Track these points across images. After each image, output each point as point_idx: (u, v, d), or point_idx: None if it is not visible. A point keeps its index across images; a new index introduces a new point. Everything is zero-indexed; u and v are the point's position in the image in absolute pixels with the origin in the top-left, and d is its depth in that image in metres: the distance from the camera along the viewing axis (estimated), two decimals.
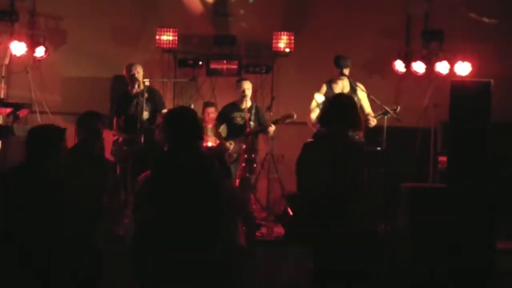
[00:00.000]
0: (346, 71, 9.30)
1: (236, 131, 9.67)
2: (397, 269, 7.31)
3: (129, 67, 9.51)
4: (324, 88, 9.35)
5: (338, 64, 9.28)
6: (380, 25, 11.44)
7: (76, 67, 11.52)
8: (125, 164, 9.17)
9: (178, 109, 6.03)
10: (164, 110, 9.58)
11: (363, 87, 9.40)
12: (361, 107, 9.38)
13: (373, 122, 9.13)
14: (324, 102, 9.08)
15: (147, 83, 9.41)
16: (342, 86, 9.39)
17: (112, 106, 9.98)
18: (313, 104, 9.30)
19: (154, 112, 9.51)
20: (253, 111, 9.72)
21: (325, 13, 11.51)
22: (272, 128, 9.51)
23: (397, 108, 9.15)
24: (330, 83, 9.39)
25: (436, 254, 7.16)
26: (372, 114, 9.31)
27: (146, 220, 4.77)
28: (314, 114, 9.31)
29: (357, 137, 9.11)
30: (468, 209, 7.28)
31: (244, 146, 9.16)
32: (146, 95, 9.33)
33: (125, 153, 9.21)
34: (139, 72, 9.48)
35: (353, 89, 9.36)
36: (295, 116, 9.28)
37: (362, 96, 9.40)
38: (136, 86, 9.47)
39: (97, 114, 7.25)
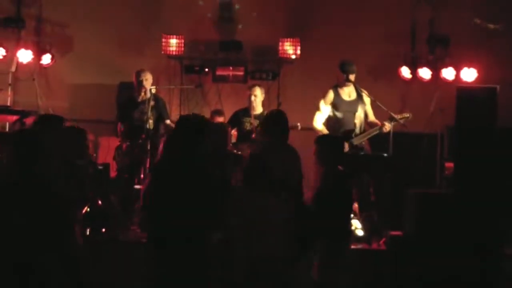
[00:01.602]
0: (352, 77, 9.28)
1: (244, 136, 9.71)
2: (405, 274, 7.31)
3: (138, 73, 9.50)
4: (331, 94, 9.33)
5: (343, 69, 9.27)
6: (386, 31, 11.42)
7: (82, 74, 11.54)
8: (126, 170, 9.18)
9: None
10: (168, 121, 9.54)
11: (367, 94, 9.39)
12: (366, 114, 9.39)
13: (388, 127, 9.11)
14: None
15: (153, 91, 9.42)
16: (348, 91, 9.37)
17: (118, 111, 9.96)
18: (317, 112, 9.33)
19: (158, 120, 9.49)
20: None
21: (331, 19, 11.51)
22: None
23: (409, 116, 9.15)
24: (336, 88, 9.38)
25: (443, 259, 7.15)
26: (375, 121, 9.31)
27: None
28: (321, 120, 9.34)
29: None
30: (475, 215, 7.27)
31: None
32: (152, 103, 9.33)
33: (127, 161, 9.19)
34: (147, 79, 9.45)
35: (359, 95, 9.36)
36: (299, 127, 9.24)
37: (367, 102, 9.40)
38: (143, 93, 9.45)
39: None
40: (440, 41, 11.24)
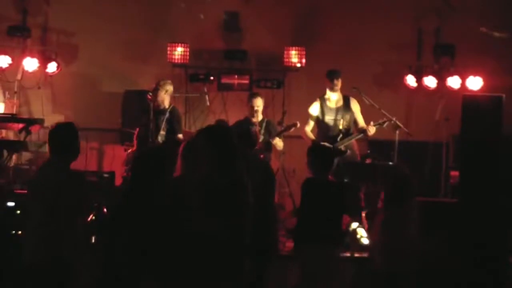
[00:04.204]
0: (336, 84, 9.43)
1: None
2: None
3: (155, 84, 9.39)
4: (316, 102, 9.72)
5: (328, 77, 9.60)
6: (392, 40, 11.44)
7: (88, 82, 11.57)
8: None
9: None
10: (180, 135, 9.38)
11: (356, 102, 9.64)
12: (355, 121, 9.56)
13: (372, 130, 9.30)
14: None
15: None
16: (336, 99, 9.67)
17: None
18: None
19: (169, 133, 9.34)
20: (264, 125, 9.72)
21: (336, 27, 11.53)
22: (278, 142, 9.50)
23: (393, 120, 9.29)
24: (323, 97, 9.71)
25: (448, 268, 7.13)
26: (365, 127, 9.47)
27: None
28: (308, 127, 9.71)
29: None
30: (480, 224, 7.25)
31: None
32: (167, 115, 9.25)
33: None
34: (159, 90, 9.22)
35: (346, 103, 9.52)
36: (298, 125, 9.38)
37: (355, 109, 9.58)
38: (157, 103, 9.27)
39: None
40: (446, 50, 11.25)
